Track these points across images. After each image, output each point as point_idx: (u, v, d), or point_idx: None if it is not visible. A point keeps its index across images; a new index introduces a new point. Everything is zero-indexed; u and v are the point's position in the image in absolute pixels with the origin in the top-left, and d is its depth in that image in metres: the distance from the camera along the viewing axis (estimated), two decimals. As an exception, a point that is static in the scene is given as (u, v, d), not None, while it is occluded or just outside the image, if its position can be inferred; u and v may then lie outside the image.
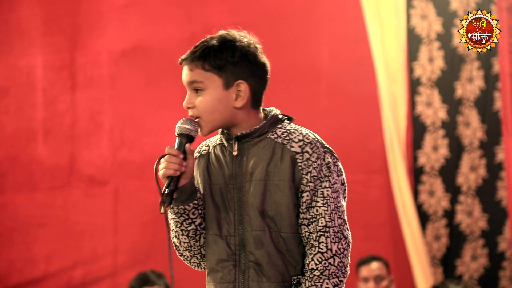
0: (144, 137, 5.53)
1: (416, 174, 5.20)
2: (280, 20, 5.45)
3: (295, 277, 2.29)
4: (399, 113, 5.13)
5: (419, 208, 5.15)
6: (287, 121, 2.37)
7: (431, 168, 5.20)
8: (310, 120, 5.26)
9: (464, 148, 5.19)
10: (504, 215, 5.11)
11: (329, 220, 2.25)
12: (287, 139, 2.31)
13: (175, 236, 2.40)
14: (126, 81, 5.58)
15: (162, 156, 2.28)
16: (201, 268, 2.45)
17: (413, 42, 5.21)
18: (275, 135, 2.32)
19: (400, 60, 5.15)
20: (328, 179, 2.27)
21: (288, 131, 2.33)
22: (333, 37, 5.40)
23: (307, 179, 2.26)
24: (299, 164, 2.27)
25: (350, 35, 5.37)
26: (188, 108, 2.34)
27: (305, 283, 2.26)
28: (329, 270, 2.24)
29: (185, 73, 2.34)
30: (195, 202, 2.33)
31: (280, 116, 2.37)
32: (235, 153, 2.33)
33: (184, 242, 2.38)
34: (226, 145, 2.37)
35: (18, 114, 5.64)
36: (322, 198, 2.26)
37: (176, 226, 2.37)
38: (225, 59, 2.30)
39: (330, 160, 2.29)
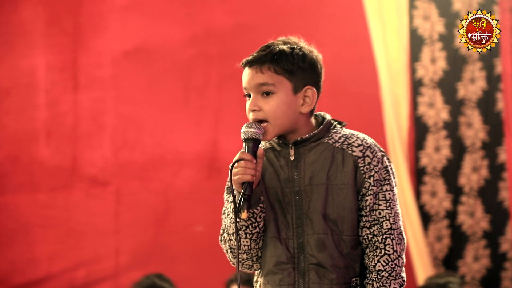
0: (146, 138, 5.52)
1: (418, 174, 5.20)
2: (282, 20, 5.44)
3: (354, 279, 2.34)
4: (401, 114, 5.13)
5: (421, 208, 5.15)
6: (339, 126, 2.41)
7: (433, 169, 5.19)
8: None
9: (466, 149, 5.18)
10: (506, 216, 5.11)
11: (393, 222, 2.32)
12: (345, 144, 2.35)
13: (235, 239, 2.36)
14: (128, 82, 5.58)
15: (236, 162, 2.26)
16: (252, 270, 2.45)
17: (416, 42, 5.21)
18: (333, 140, 2.36)
19: (402, 61, 5.15)
20: (388, 182, 2.34)
21: (345, 136, 2.37)
22: (335, 38, 5.39)
23: (369, 183, 2.32)
24: (361, 168, 2.32)
25: (352, 35, 5.36)
26: (254, 111, 2.32)
27: (372, 284, 2.30)
28: (396, 271, 2.31)
29: (253, 75, 2.32)
30: (261, 205, 2.34)
31: (332, 121, 2.41)
32: (292, 158, 2.35)
33: (244, 245, 2.37)
34: (278, 149, 2.37)
35: (20, 115, 5.64)
36: (384, 201, 2.33)
37: (239, 230, 2.36)
38: (297, 64, 2.33)
39: (388, 163, 2.36)
